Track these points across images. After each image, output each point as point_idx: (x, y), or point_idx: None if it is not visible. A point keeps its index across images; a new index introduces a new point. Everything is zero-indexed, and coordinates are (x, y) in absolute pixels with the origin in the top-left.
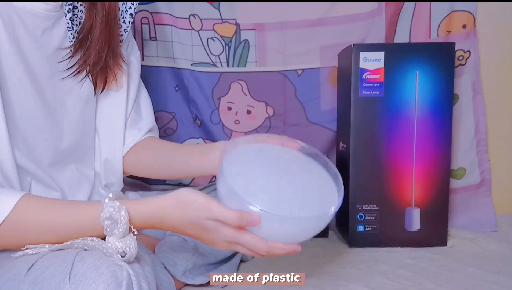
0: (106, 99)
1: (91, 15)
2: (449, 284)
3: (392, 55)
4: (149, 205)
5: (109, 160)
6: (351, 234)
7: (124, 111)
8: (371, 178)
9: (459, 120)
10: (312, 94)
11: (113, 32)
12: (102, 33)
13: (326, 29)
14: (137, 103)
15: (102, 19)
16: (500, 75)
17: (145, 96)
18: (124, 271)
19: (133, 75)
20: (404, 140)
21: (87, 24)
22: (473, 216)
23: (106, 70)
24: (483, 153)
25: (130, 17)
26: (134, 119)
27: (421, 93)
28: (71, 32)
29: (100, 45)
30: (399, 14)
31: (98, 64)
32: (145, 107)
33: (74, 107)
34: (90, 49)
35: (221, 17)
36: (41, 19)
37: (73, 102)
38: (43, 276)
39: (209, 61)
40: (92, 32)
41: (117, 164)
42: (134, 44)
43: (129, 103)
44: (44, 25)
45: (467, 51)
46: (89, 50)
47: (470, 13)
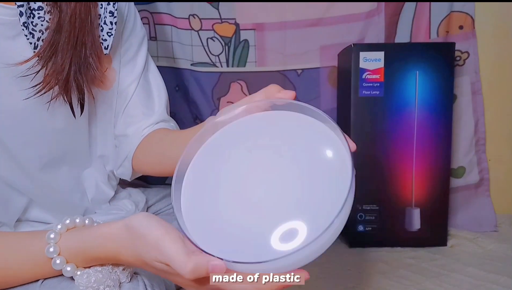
0: (101, 99)
1: (54, 17)
2: (449, 284)
3: (392, 55)
4: (85, 234)
5: (104, 156)
6: (351, 234)
7: (114, 110)
8: (371, 178)
9: (459, 120)
10: (312, 94)
11: (81, 38)
12: (67, 39)
13: (326, 29)
14: (149, 94)
15: (67, 21)
16: (499, 76)
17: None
18: (140, 280)
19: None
20: (404, 140)
21: (51, 28)
22: (473, 215)
23: (80, 87)
24: (482, 153)
25: (111, 16)
26: (145, 114)
27: (421, 93)
28: (31, 41)
29: (63, 55)
30: (400, 13)
31: (63, 79)
32: (159, 99)
33: (61, 119)
34: (55, 61)
35: (221, 17)
36: (6, 26)
37: (60, 113)
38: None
39: (208, 61)
40: (56, 39)
41: (111, 159)
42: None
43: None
44: (10, 34)
45: (465, 52)
46: (56, 63)
47: (468, 14)
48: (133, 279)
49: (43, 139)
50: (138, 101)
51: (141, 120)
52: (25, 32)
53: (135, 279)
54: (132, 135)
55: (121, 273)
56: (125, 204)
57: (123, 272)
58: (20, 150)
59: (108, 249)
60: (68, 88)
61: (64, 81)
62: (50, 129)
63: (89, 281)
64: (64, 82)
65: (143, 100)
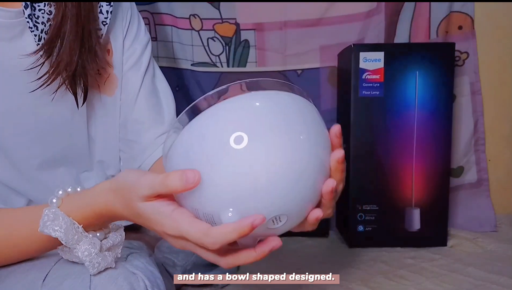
0: (102, 104)
1: (60, 8)
2: (449, 284)
3: (392, 55)
4: (83, 194)
5: (103, 161)
6: (351, 234)
7: (118, 118)
8: (371, 178)
9: (458, 120)
10: (312, 94)
11: (87, 26)
12: (74, 28)
13: (326, 29)
14: (158, 103)
15: (73, 11)
16: (498, 76)
17: (165, 93)
18: (141, 281)
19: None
20: (404, 140)
21: (56, 19)
22: (472, 215)
23: (84, 75)
24: (481, 153)
25: (108, 5)
26: (156, 121)
27: (421, 93)
28: (36, 33)
29: (71, 45)
30: (400, 14)
31: (71, 68)
32: (167, 107)
33: (58, 119)
34: (62, 51)
35: (221, 17)
36: (4, 29)
37: (57, 113)
38: (62, 287)
39: (209, 61)
40: (62, 30)
41: (111, 164)
42: (140, 29)
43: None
44: (8, 35)
45: (464, 52)
46: (61, 53)
47: (467, 14)
48: (134, 280)
49: (39, 139)
50: (146, 107)
51: (151, 127)
52: (30, 24)
53: (135, 279)
54: (146, 144)
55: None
56: None
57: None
58: (15, 149)
59: (100, 204)
60: (75, 76)
61: (71, 69)
62: (46, 129)
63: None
64: (71, 71)
65: (151, 106)
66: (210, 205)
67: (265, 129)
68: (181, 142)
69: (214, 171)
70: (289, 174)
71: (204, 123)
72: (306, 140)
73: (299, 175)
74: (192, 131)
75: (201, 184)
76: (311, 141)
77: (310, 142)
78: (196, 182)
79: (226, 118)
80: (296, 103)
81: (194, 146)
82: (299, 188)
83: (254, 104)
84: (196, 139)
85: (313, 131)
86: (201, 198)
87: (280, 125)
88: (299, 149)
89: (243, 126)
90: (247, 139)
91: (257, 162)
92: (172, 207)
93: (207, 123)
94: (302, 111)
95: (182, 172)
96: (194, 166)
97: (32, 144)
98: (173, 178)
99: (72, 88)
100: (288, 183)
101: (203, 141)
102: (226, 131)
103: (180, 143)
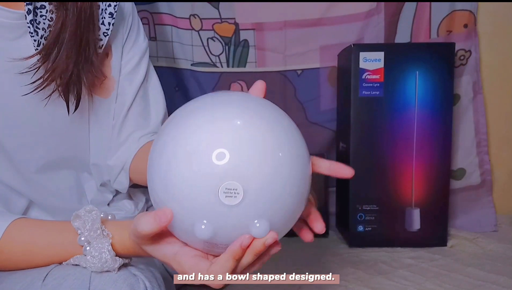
0: (97, 106)
1: (60, 16)
2: (449, 284)
3: (392, 55)
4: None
5: (97, 164)
6: (351, 234)
7: (111, 119)
8: (371, 178)
9: (460, 120)
10: (312, 94)
11: (86, 36)
12: (72, 37)
13: (326, 29)
14: (146, 106)
15: (73, 20)
16: (501, 75)
17: (155, 96)
18: (141, 282)
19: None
20: (404, 140)
21: (56, 26)
22: (473, 216)
23: (78, 84)
24: (484, 154)
25: (110, 17)
26: (140, 125)
27: (421, 93)
28: (35, 38)
29: (68, 53)
30: (400, 13)
31: (66, 75)
32: (155, 111)
33: (60, 121)
34: (58, 57)
35: (221, 16)
36: (7, 29)
37: (59, 115)
38: (62, 287)
39: (209, 61)
40: (60, 37)
41: (104, 169)
42: (139, 34)
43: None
44: (11, 36)
45: (468, 51)
46: (57, 59)
47: (471, 12)
48: (134, 281)
49: (40, 142)
50: (135, 112)
51: (135, 130)
52: (31, 30)
53: (135, 281)
54: (127, 143)
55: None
56: (125, 204)
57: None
58: (16, 151)
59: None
60: (69, 83)
61: (66, 77)
62: (47, 132)
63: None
64: (66, 78)
65: (140, 111)
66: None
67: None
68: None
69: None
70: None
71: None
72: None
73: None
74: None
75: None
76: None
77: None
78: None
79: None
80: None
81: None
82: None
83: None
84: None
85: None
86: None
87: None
88: (277, 166)
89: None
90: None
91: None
92: (175, 248)
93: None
94: None
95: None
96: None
97: (35, 146)
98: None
99: (65, 95)
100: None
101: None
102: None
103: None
